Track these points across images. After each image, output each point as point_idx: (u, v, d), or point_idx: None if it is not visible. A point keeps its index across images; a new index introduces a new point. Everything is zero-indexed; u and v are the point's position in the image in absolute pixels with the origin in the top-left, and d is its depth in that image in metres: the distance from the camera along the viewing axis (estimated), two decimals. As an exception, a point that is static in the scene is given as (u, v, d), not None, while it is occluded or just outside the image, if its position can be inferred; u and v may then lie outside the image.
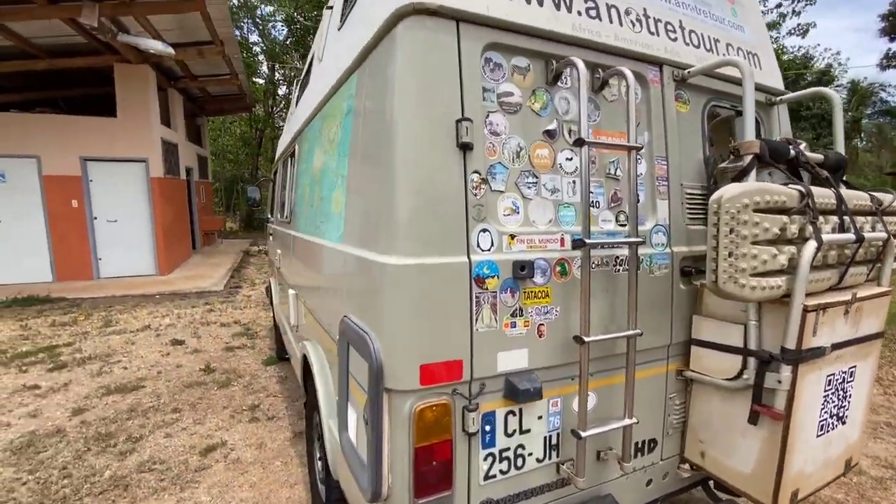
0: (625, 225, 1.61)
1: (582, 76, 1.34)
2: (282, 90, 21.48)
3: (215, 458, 3.07)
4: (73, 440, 3.30)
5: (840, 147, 1.90)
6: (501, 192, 1.37)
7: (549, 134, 1.47)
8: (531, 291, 1.38)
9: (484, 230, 1.31)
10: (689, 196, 1.77)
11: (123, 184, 8.91)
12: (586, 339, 1.35)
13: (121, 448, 3.19)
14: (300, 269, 2.78)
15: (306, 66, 3.66)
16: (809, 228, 1.42)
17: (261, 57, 20.35)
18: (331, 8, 2.69)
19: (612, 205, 1.59)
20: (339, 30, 2.23)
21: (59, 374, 4.55)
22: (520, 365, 1.37)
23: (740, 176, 1.53)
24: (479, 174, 1.31)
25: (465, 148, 1.28)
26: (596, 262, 1.49)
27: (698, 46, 1.82)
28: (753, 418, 1.53)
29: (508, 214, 1.38)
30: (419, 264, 1.21)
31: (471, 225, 1.29)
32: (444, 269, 1.24)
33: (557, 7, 1.47)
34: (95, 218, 8.80)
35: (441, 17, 1.27)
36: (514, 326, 1.35)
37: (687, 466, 1.85)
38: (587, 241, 1.33)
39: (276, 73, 20.14)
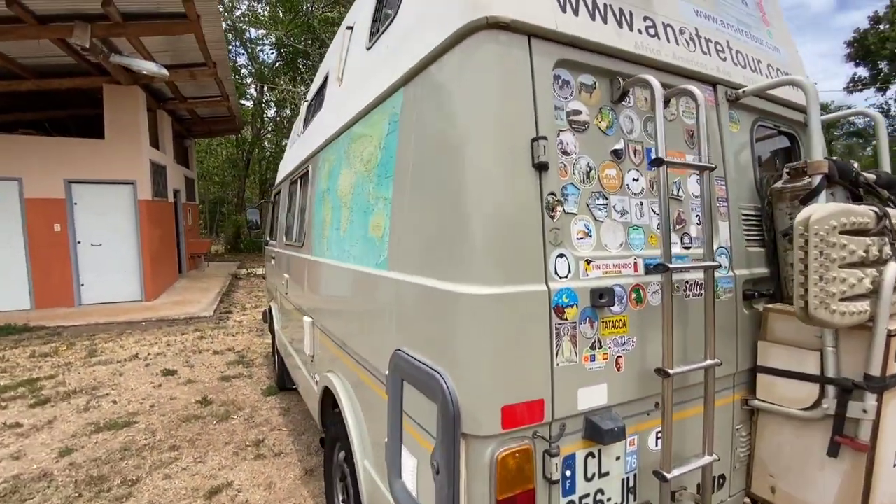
0: (689, 247, 1.54)
1: (657, 94, 1.28)
2: (270, 112, 21.48)
3: (221, 502, 2.84)
4: (62, 485, 3.03)
5: (886, 166, 1.89)
6: (574, 214, 1.29)
7: (616, 154, 1.41)
8: (608, 321, 1.28)
9: (561, 255, 1.22)
10: (744, 217, 1.71)
11: (109, 207, 8.63)
12: (671, 371, 1.25)
13: (116, 493, 2.93)
14: (319, 296, 2.64)
15: (316, 88, 3.59)
16: (887, 250, 1.37)
17: (249, 80, 20.35)
18: (351, 28, 2.63)
19: (677, 227, 1.52)
20: (367, 49, 2.17)
21: (42, 411, 4.24)
22: (599, 402, 1.26)
23: (810, 196, 1.48)
24: (555, 196, 1.23)
25: (541, 168, 1.20)
26: (664, 287, 1.40)
27: (745, 67, 1.80)
28: (834, 450, 1.44)
29: (581, 238, 1.29)
30: (499, 294, 1.11)
31: (548, 250, 1.20)
32: (523, 299, 1.14)
33: (620, 25, 1.42)
34: (79, 242, 8.46)
35: (514, 32, 1.21)
36: (594, 360, 1.25)
37: (748, 501, 1.74)
38: (670, 265, 1.25)
39: (266, 96, 20.14)
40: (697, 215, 1.59)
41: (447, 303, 1.17)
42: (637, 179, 1.44)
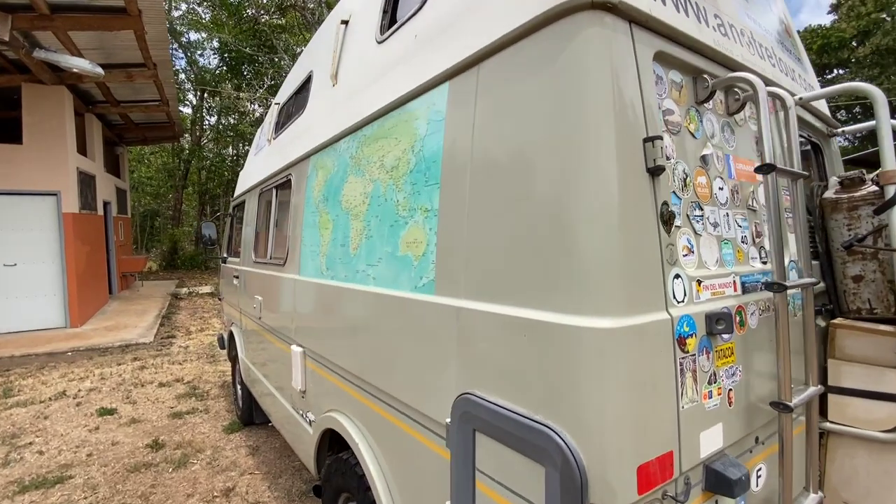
0: (766, 262, 1.42)
1: (761, 95, 1.16)
2: (212, 119, 20.20)
3: (192, 571, 2.39)
4: (-22, 569, 2.43)
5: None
6: (678, 227, 1.12)
7: (704, 160, 1.26)
8: (720, 350, 1.12)
9: (676, 276, 1.05)
10: (799, 228, 1.64)
11: (27, 221, 7.56)
12: (792, 404, 1.10)
13: (52, 572, 2.39)
14: (316, 324, 2.31)
15: (293, 89, 3.26)
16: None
17: (188, 85, 19.08)
18: (346, 22, 2.38)
19: (756, 240, 1.40)
20: (379, 42, 1.93)
21: (-54, 471, 3.48)
22: (716, 445, 1.09)
23: (885, 207, 1.42)
24: (667, 205, 1.05)
25: (655, 173, 1.02)
26: (760, 308, 1.27)
27: (786, 74, 1.74)
28: (926, 476, 1.36)
29: (686, 255, 1.13)
30: (630, 326, 0.91)
31: (666, 270, 1.02)
32: (651, 331, 0.95)
33: (698, 19, 1.29)
34: (-13, 262, 7.33)
35: (617, 15, 1.03)
36: (711, 397, 1.08)
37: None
38: (787, 283, 1.11)
39: (207, 102, 18.90)
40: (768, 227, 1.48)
41: (562, 339, 0.95)
42: (722, 189, 1.31)
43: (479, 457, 1.14)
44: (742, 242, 1.34)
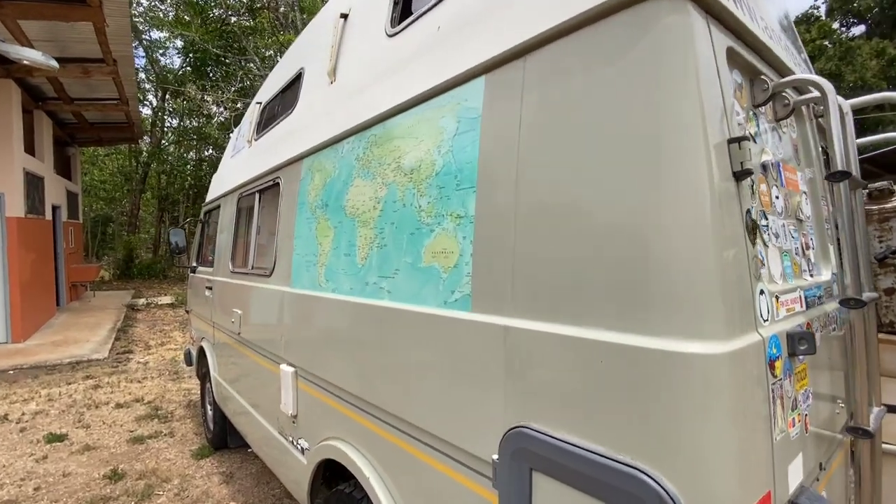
0: (813, 275, 1.36)
1: (831, 99, 1.09)
2: (174, 121, 19.25)
3: None
4: None
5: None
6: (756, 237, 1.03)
7: (764, 167, 1.19)
8: (798, 372, 1.03)
9: (761, 291, 0.95)
10: (832, 240, 1.60)
11: (-36, 226, 6.87)
12: (871, 429, 1.02)
13: None
14: (313, 341, 2.10)
15: (279, 87, 3.06)
16: None
17: (147, 85, 18.17)
18: (346, 16, 2.23)
19: (806, 252, 1.34)
20: (390, 36, 1.79)
21: None
22: (798, 478, 0.99)
23: (928, 218, 1.39)
24: (751, 213, 0.96)
25: (741, 177, 0.92)
26: (821, 324, 1.20)
27: (810, 83, 1.72)
28: (975, 497, 1.32)
29: (760, 268, 1.03)
30: (735, 351, 0.80)
31: (754, 285, 0.92)
32: (749, 354, 0.84)
33: (752, 18, 1.23)
34: (-85, 271, 6.59)
35: (697, 4, 0.93)
36: (794, 424, 0.98)
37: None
38: (865, 299, 1.03)
39: (169, 104, 18.01)
40: (811, 239, 1.43)
41: (657, 367, 0.82)
42: (778, 197, 1.24)
43: (538, 501, 0.99)
44: (796, 254, 1.27)
